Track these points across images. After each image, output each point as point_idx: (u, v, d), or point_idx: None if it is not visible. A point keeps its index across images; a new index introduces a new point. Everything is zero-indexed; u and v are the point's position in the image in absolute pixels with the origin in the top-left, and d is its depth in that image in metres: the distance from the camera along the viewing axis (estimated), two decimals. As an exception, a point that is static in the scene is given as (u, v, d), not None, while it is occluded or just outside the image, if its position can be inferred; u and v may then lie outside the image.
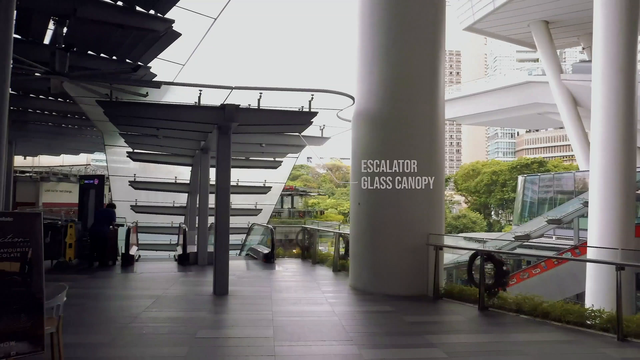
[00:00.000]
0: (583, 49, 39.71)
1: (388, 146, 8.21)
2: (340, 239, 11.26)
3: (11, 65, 3.26)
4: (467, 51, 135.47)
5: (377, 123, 8.32)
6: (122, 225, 12.97)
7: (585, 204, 18.84)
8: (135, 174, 17.10)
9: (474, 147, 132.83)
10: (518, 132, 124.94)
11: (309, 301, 7.81)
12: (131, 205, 17.45)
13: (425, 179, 8.20)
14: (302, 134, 10.57)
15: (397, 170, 8.11)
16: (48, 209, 32.79)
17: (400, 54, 8.21)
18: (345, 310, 7.33)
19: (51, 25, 6.46)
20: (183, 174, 16.26)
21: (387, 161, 8.15)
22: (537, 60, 40.67)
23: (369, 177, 8.41)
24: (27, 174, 36.82)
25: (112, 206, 12.08)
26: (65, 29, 6.02)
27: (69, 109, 12.63)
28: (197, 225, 12.64)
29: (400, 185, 8.08)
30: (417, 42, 8.26)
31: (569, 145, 35.30)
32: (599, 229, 14.53)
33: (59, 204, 36.95)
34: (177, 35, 6.61)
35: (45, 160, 36.21)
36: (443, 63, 8.66)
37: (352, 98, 8.48)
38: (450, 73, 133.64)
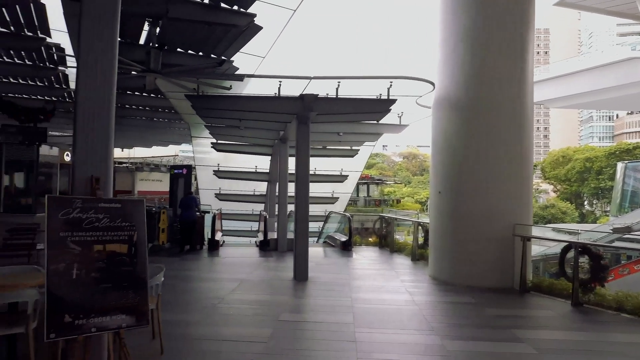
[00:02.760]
0: (700, 17, 34.86)
1: (471, 132, 7.85)
2: (419, 227, 11.04)
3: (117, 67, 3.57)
4: (557, 28, 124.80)
5: (459, 108, 7.98)
6: (208, 212, 13.78)
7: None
8: (218, 164, 18.08)
9: (564, 132, 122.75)
10: (617, 115, 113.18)
11: (388, 289, 7.77)
12: (215, 194, 18.51)
13: (511, 166, 7.76)
14: (380, 121, 10.46)
15: (481, 157, 7.75)
16: (142, 196, 35.76)
17: (485, 33, 7.75)
18: (426, 300, 7.20)
19: (145, 27, 6.98)
20: (263, 163, 16.89)
21: (470, 148, 7.81)
22: (641, 33, 36.38)
23: (450, 165, 8.12)
24: (124, 165, 40.38)
25: (190, 193, 12.82)
26: (157, 29, 6.48)
27: (160, 103, 13.59)
28: (276, 213, 13.07)
29: (483, 172, 7.71)
30: (503, 19, 7.75)
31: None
32: None
33: (151, 192, 40.15)
34: (258, 28, 6.81)
35: (139, 152, 39.53)
36: (532, 42, 8.06)
37: (432, 84, 8.21)
38: (538, 53, 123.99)
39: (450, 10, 8.11)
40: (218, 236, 12.55)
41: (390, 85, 8.22)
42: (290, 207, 11.90)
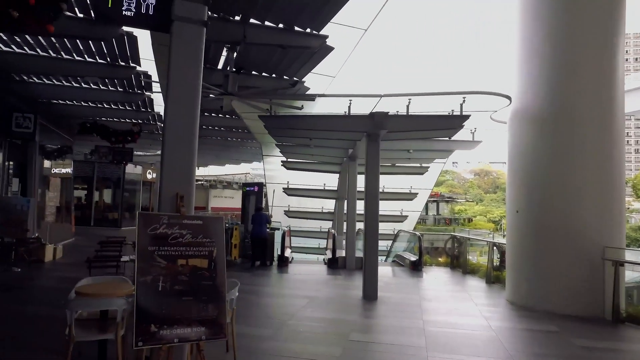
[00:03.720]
0: None
1: (553, 147, 7.37)
2: (495, 248, 10.49)
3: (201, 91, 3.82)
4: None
5: (539, 121, 7.55)
6: (278, 229, 14.10)
7: None
8: (288, 181, 18.51)
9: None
10: None
11: (462, 313, 7.43)
12: (284, 211, 18.92)
13: (599, 183, 7.17)
14: (452, 138, 10.17)
15: (565, 173, 7.24)
16: (216, 212, 37.47)
17: (569, 40, 7.30)
18: (503, 325, 6.78)
19: (224, 52, 7.42)
20: (331, 181, 17.03)
21: (552, 163, 7.33)
22: None
23: (529, 182, 7.68)
24: (199, 182, 42.75)
25: (261, 209, 13.16)
26: (235, 54, 6.85)
27: (234, 123, 14.28)
28: (344, 231, 13.06)
29: (568, 189, 7.19)
30: (589, 25, 7.26)
31: None
32: None
33: (223, 208, 42.01)
34: (330, 49, 6.98)
35: (213, 170, 41.65)
36: (622, 47, 7.46)
37: (509, 98, 7.86)
38: (627, 60, 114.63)
39: (531, 17, 7.75)
40: (287, 253, 12.76)
41: (464, 100, 7.99)
42: (359, 225, 11.84)
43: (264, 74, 8.58)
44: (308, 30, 6.66)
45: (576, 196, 7.16)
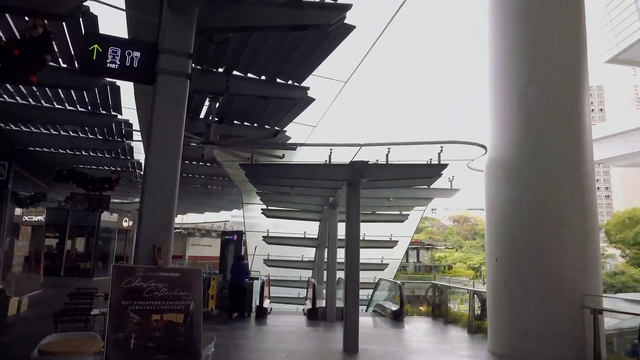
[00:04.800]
0: None
1: (528, 195, 7.55)
2: (475, 296, 10.43)
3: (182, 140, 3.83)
4: (611, 85, 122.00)
5: (514, 171, 7.76)
6: (257, 279, 13.77)
7: None
8: (268, 230, 18.30)
9: (628, 192, 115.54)
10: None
11: (446, 366, 7.25)
12: (264, 259, 18.57)
13: (575, 230, 7.32)
14: (431, 186, 10.35)
15: (541, 221, 7.37)
16: (193, 261, 36.54)
17: (539, 94, 7.67)
18: (488, 379, 6.62)
19: (206, 102, 7.53)
20: (312, 229, 16.92)
21: (528, 211, 7.48)
22: (703, 89, 34.97)
23: (507, 230, 7.78)
24: (177, 230, 41.92)
25: (242, 258, 12.90)
26: (217, 104, 6.95)
27: (215, 171, 14.25)
28: (325, 280, 12.85)
29: (545, 238, 7.30)
30: (557, 80, 7.68)
31: None
32: None
33: (201, 257, 41.04)
34: (311, 100, 7.17)
35: (192, 218, 41.03)
36: (588, 100, 7.88)
37: (484, 147, 8.11)
38: (592, 110, 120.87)
39: (502, 70, 8.16)
40: (266, 303, 12.41)
41: (441, 150, 8.20)
42: (340, 274, 11.68)
43: (246, 123, 8.70)
44: (290, 82, 6.85)
45: (552, 244, 7.26)
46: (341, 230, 9.78)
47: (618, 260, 67.36)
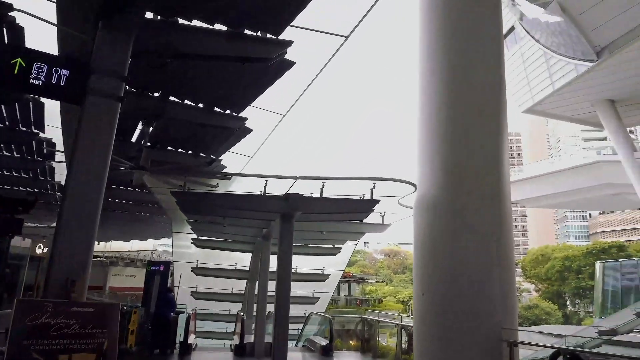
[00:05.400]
0: (654, 127, 38.10)
1: (452, 234, 7.93)
2: (403, 331, 10.62)
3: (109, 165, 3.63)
4: (527, 132, 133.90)
5: (440, 210, 8.15)
6: (183, 312, 13.09)
7: (681, 296, 16.78)
8: (197, 260, 17.58)
9: (541, 230, 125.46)
10: (590, 214, 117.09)
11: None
12: (191, 292, 17.74)
13: (493, 268, 7.75)
14: (363, 221, 10.56)
15: (463, 258, 7.74)
16: (114, 293, 34.06)
17: (462, 140, 8.21)
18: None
19: (139, 125, 7.25)
20: (243, 261, 16.51)
21: (452, 249, 7.84)
22: (604, 139, 39.40)
23: (433, 267, 8.08)
24: (98, 258, 39.00)
25: (168, 290, 12.25)
26: (151, 129, 6.72)
27: (144, 198, 13.59)
28: (254, 314, 12.49)
29: (466, 274, 7.66)
30: (479, 128, 8.27)
31: (651, 228, 32.56)
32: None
33: (124, 288, 38.34)
34: (248, 131, 7.14)
35: (116, 246, 38.46)
36: (507, 147, 8.55)
37: (414, 185, 8.47)
38: (512, 155, 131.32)
39: (429, 119, 8.67)
40: (191, 339, 11.77)
41: (374, 186, 8.45)
42: (270, 308, 11.41)
43: (180, 150, 8.45)
44: (228, 111, 6.81)
45: (473, 280, 7.63)
46: (274, 262, 9.64)
47: (532, 294, 72.21)
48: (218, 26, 4.80)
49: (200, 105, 6.63)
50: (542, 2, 24.91)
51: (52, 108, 7.09)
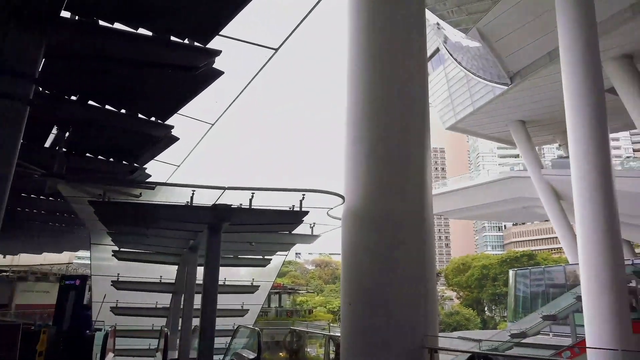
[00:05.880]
0: (560, 145, 42.22)
1: (376, 244, 8.22)
2: (331, 341, 10.76)
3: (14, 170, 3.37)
4: (451, 148, 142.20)
5: (365, 221, 8.42)
6: (100, 330, 12.27)
7: (579, 298, 18.55)
8: (118, 274, 16.57)
9: (462, 241, 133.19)
10: (505, 226, 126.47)
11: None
12: (111, 307, 16.65)
13: (416, 277, 8.12)
14: (293, 232, 10.60)
15: (386, 268, 8.04)
16: (21, 311, 31.07)
17: (387, 155, 8.57)
18: None
19: (54, 130, 6.76)
20: (169, 273, 15.83)
21: (376, 260, 8.11)
22: (517, 156, 42.93)
23: (358, 277, 8.31)
24: (4, 273, 35.45)
25: (85, 307, 11.50)
26: (67, 133, 6.30)
27: (58, 207, 12.62)
28: (179, 329, 12.02)
29: (390, 284, 7.95)
30: (403, 143, 8.68)
31: (557, 237, 35.79)
32: (594, 327, 14.18)
33: (34, 305, 35.06)
34: (175, 139, 6.92)
35: (25, 259, 35.17)
36: (430, 162, 9.04)
37: (342, 197, 8.68)
38: (436, 169, 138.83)
39: (355, 133, 8.96)
40: (109, 358, 11.04)
41: (303, 197, 8.53)
42: (196, 322, 11.04)
43: (100, 157, 7.99)
44: (153, 119, 6.57)
45: (397, 290, 7.94)
46: (200, 275, 9.36)
47: (454, 301, 76.22)
48: (144, 31, 4.66)
49: (123, 110, 6.35)
50: (464, 27, 26.79)
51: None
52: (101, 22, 4.46)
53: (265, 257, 15.27)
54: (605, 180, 15.46)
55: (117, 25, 4.50)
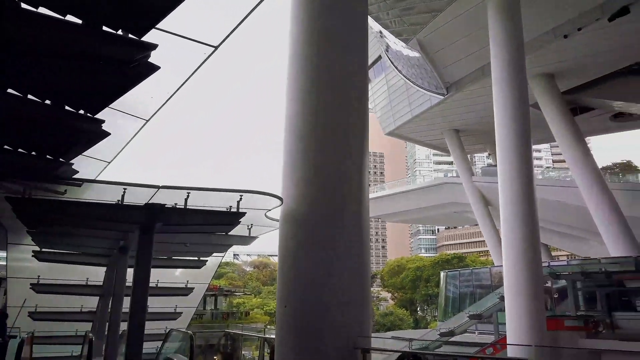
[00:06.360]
0: (489, 154, 44.90)
1: (313, 246, 8.28)
2: (265, 343, 10.69)
3: None
4: (390, 153, 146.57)
5: (303, 223, 8.45)
6: (15, 337, 11.37)
7: (502, 298, 19.81)
8: (39, 276, 15.40)
9: (398, 243, 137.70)
10: (438, 229, 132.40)
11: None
12: (29, 312, 15.45)
13: (351, 279, 8.27)
14: (230, 233, 10.43)
15: (322, 271, 8.12)
16: None
17: (325, 158, 8.64)
18: None
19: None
20: (96, 275, 14.95)
21: (312, 262, 8.18)
22: (451, 163, 45.12)
23: (294, 278, 8.33)
24: None
25: (4, 315, 10.64)
26: (-20, 125, 5.77)
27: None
28: (106, 334, 11.40)
29: (326, 286, 8.04)
30: (342, 147, 8.79)
31: (484, 241, 37.99)
32: (514, 324, 15.24)
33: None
34: (105, 134, 6.54)
35: None
36: (367, 166, 9.23)
37: (281, 199, 8.66)
38: (375, 173, 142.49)
39: (291, 134, 8.96)
40: (25, 367, 10.24)
41: (240, 198, 8.42)
42: (124, 326, 10.54)
43: (20, 150, 7.39)
44: (81, 111, 6.19)
45: (332, 292, 8.05)
46: (132, 276, 8.93)
47: (389, 302, 78.59)
48: (73, 19, 4.39)
49: (48, 102, 5.93)
50: (405, 37, 27.73)
51: None
52: (24, 5, 4.15)
53: (201, 258, 14.88)
54: (528, 188, 16.69)
55: (43, 10, 4.21)
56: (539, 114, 27.00)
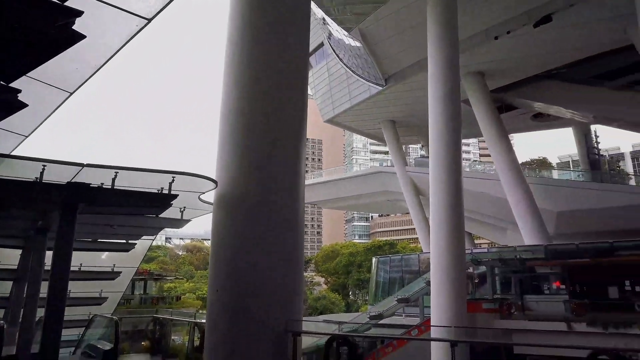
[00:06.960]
0: (422, 146, 46.80)
1: (248, 230, 8.23)
2: (196, 328, 10.54)
3: None
4: (328, 141, 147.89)
5: (238, 207, 8.36)
6: None
7: (428, 283, 20.95)
8: (-58, 258, 14.00)
9: (333, 229, 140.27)
10: (372, 216, 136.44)
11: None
12: None
13: (284, 263, 8.33)
14: (161, 215, 10.06)
15: (255, 255, 8.11)
16: None
17: (263, 141, 8.57)
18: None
19: None
20: (11, 258, 13.84)
21: (246, 246, 8.14)
22: (387, 153, 46.49)
23: (227, 263, 8.25)
24: None
25: None
26: None
27: None
28: (20, 320, 10.63)
29: (259, 271, 8.05)
30: (280, 132, 8.75)
31: (415, 228, 39.72)
32: (438, 307, 16.19)
33: None
34: (22, 105, 6.00)
35: None
36: (303, 152, 9.27)
37: (215, 182, 8.48)
38: (313, 159, 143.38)
39: (226, 118, 8.78)
40: None
41: (173, 180, 8.13)
42: (42, 312, 9.89)
43: None
44: (-6, 79, 5.63)
45: (265, 276, 8.07)
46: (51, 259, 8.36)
47: (323, 286, 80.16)
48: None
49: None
50: (348, 26, 27.93)
51: None
52: None
53: (129, 241, 14.24)
54: (455, 180, 17.67)
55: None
56: (469, 110, 28.48)
